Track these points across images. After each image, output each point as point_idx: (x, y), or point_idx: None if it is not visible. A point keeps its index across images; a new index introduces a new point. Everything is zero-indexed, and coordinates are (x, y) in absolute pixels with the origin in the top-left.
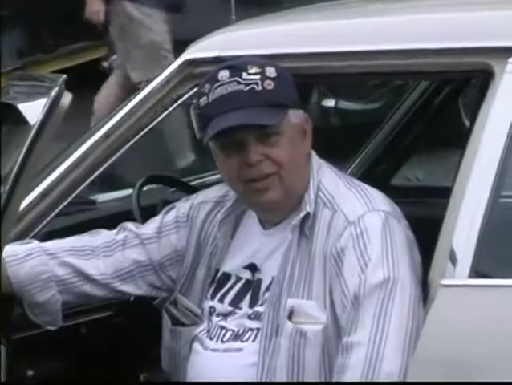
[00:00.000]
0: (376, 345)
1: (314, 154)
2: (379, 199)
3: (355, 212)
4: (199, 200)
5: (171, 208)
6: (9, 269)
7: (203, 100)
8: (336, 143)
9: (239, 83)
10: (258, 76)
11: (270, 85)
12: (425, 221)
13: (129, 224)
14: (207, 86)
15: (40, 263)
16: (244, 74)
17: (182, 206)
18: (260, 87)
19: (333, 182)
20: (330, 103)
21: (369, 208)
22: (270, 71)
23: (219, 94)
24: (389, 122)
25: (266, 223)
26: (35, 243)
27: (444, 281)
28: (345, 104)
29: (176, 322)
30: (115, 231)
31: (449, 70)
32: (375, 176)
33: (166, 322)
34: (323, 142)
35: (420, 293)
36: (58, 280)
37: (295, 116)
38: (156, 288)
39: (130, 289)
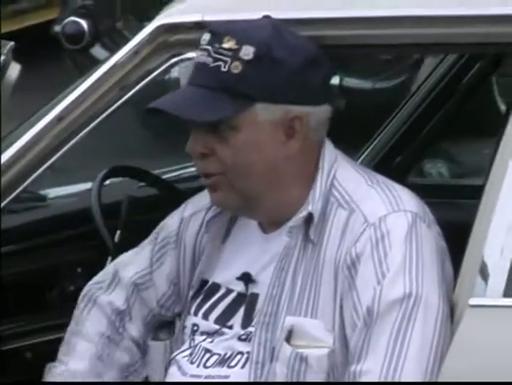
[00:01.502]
0: (390, 376)
1: (328, 144)
2: (408, 199)
3: (377, 213)
4: (189, 211)
5: (158, 233)
6: None
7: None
8: (341, 129)
9: (209, 54)
10: (229, 53)
11: (236, 68)
12: (450, 227)
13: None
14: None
15: None
16: (217, 46)
17: (171, 224)
18: (225, 68)
19: (351, 178)
20: (333, 80)
21: (394, 208)
22: (246, 52)
23: (195, 59)
24: (406, 105)
25: (267, 225)
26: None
27: (473, 301)
28: (352, 82)
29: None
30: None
31: (480, 41)
32: (389, 170)
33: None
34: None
35: (448, 316)
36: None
37: (269, 112)
38: None
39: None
